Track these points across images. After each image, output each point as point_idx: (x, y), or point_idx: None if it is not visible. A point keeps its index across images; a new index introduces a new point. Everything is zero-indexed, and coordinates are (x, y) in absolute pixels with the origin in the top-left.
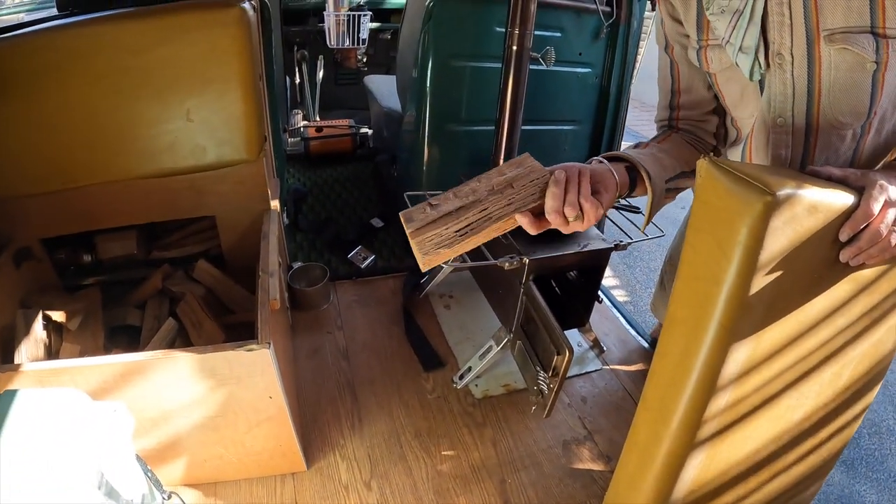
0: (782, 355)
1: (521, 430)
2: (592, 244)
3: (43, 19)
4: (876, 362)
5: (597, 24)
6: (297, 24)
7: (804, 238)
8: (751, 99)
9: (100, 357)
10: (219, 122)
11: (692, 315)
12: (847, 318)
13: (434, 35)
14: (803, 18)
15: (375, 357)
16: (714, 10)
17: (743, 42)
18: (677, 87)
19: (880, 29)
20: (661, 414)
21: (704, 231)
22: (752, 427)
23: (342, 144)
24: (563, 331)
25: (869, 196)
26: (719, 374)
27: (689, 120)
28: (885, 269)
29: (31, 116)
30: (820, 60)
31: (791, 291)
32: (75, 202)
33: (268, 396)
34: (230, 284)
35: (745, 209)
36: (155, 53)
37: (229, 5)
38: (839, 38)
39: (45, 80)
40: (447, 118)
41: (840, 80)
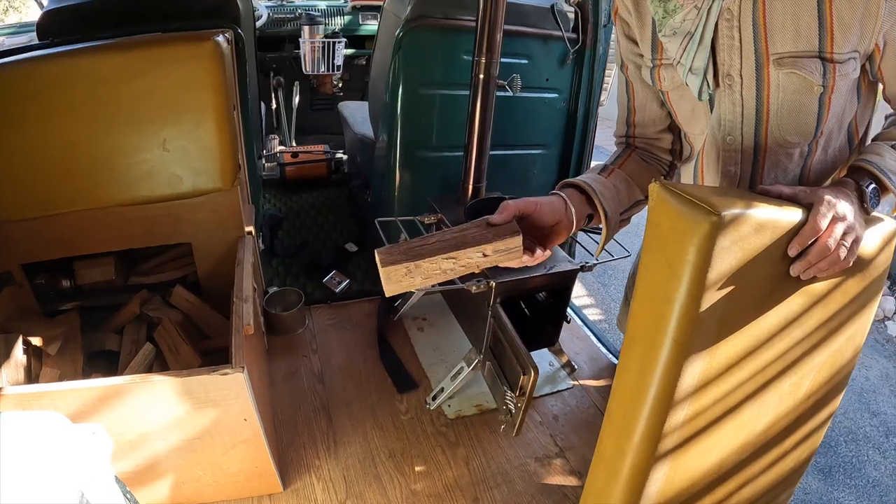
0: (739, 368)
1: (493, 448)
2: (559, 266)
3: (23, 47)
4: (836, 371)
5: (563, 50)
6: (274, 50)
7: (752, 255)
8: (701, 116)
9: (79, 381)
10: (194, 151)
11: (648, 333)
12: (802, 330)
13: (404, 64)
14: (752, 42)
15: (350, 379)
16: (666, 31)
17: (693, 63)
18: (632, 105)
19: (828, 54)
20: (624, 428)
21: (656, 251)
22: (715, 438)
23: (317, 170)
24: (529, 351)
25: (816, 212)
26: (676, 388)
27: (644, 137)
28: (838, 282)
29: (11, 144)
30: (769, 83)
31: (743, 306)
32: (55, 229)
33: (243, 419)
34: (206, 310)
35: (693, 230)
36: (132, 85)
37: (203, 39)
38: (788, 62)
39: (25, 108)
40: (418, 144)
41: (788, 101)
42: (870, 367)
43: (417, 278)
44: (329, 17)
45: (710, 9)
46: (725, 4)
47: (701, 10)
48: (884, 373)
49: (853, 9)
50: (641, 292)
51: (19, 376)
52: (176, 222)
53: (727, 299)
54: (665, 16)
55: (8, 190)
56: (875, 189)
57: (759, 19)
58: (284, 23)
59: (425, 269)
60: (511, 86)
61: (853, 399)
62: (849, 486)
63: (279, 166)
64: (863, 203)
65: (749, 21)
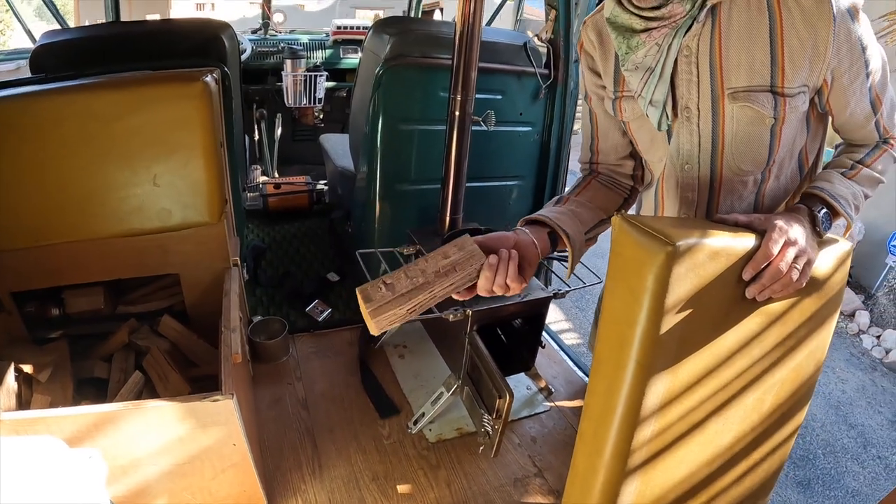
0: (701, 386)
1: (473, 470)
2: (532, 294)
3: (18, 80)
4: (798, 386)
5: (536, 85)
6: (257, 83)
7: (707, 281)
8: (660, 145)
9: (74, 407)
10: (183, 186)
11: (613, 355)
12: (762, 349)
13: (383, 100)
14: (709, 77)
15: (334, 406)
16: (629, 66)
17: (653, 96)
18: (595, 134)
19: (779, 88)
20: (595, 446)
21: (619, 279)
22: (682, 453)
23: (299, 200)
24: (507, 376)
25: (769, 238)
26: (641, 406)
27: (607, 164)
28: (795, 302)
29: (5, 176)
30: (724, 115)
31: (701, 328)
32: (45, 258)
33: (232, 444)
34: (194, 339)
35: (651, 259)
36: (124, 122)
37: (193, 79)
38: (742, 95)
39: (20, 142)
40: (397, 177)
41: (742, 132)
42: (846, 380)
43: (401, 316)
44: (311, 51)
45: (670, 46)
46: (685, 42)
47: (662, 47)
48: (860, 385)
49: (803, 47)
50: (606, 317)
51: (11, 402)
52: (164, 254)
53: (686, 322)
54: (628, 51)
55: (0, 220)
56: (826, 213)
57: (715, 56)
58: (268, 56)
59: (408, 310)
60: (485, 121)
61: (830, 412)
62: (828, 497)
63: (262, 197)
64: (815, 227)
65: (706, 58)
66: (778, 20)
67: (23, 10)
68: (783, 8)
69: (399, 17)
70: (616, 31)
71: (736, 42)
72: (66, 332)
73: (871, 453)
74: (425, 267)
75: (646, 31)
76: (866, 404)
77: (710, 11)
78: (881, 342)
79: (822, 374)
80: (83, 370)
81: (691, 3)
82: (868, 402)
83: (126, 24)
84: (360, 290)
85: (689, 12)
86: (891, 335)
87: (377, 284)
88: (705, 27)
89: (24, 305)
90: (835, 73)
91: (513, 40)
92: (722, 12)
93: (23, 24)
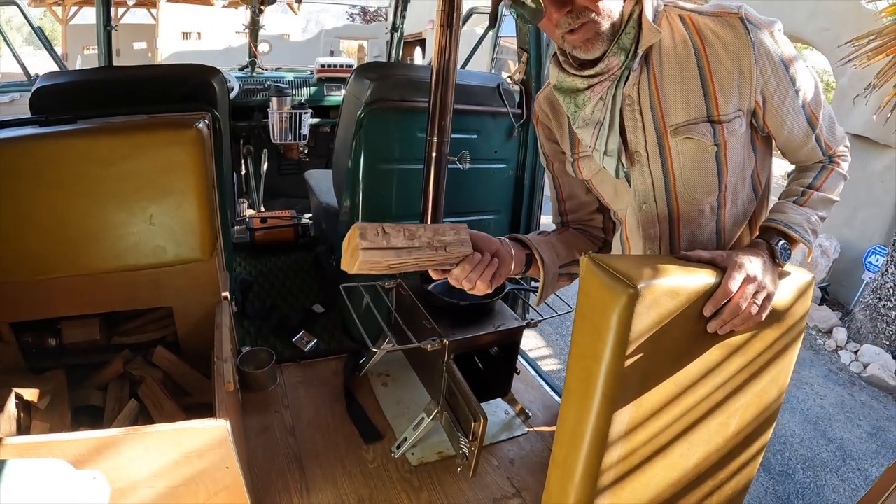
0: (664, 413)
1: (454, 491)
2: (506, 324)
3: (18, 121)
4: (762, 409)
5: (509, 124)
6: (244, 119)
7: (668, 318)
8: (623, 194)
9: (75, 432)
10: (177, 226)
11: (581, 387)
12: (724, 376)
13: (365, 142)
14: (652, 119)
15: (320, 432)
16: (579, 123)
17: (607, 147)
18: (562, 196)
19: (715, 116)
20: (566, 470)
21: (586, 317)
22: (648, 475)
23: (285, 234)
24: (485, 401)
25: (729, 276)
26: (608, 434)
27: (578, 221)
28: (756, 332)
29: (5, 213)
30: (670, 151)
31: (663, 361)
32: (43, 291)
33: (225, 467)
34: (186, 369)
35: (614, 300)
36: (121, 166)
37: (186, 126)
38: (682, 129)
39: (21, 182)
40: (378, 213)
41: (688, 164)
42: (824, 396)
43: (382, 267)
44: (295, 88)
45: (613, 97)
46: (626, 91)
47: (606, 100)
48: (839, 400)
49: (730, 76)
50: (574, 351)
51: (12, 428)
52: (157, 288)
53: (648, 357)
54: (576, 110)
55: (0, 254)
56: (784, 244)
57: (654, 99)
58: (254, 93)
59: (390, 265)
60: (461, 161)
61: (809, 427)
62: None
63: (249, 231)
64: (775, 259)
65: (647, 102)
66: (704, 56)
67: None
68: (706, 45)
69: (379, 63)
70: (563, 94)
71: (670, 83)
72: (62, 361)
73: (851, 465)
74: (421, 234)
75: (589, 87)
76: (845, 418)
77: (642, 59)
78: (859, 357)
79: (799, 391)
80: (79, 398)
81: (624, 54)
82: (847, 416)
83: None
84: (358, 226)
85: (625, 63)
86: (868, 349)
87: (377, 228)
88: (642, 75)
89: (21, 335)
90: (764, 93)
91: (486, 82)
92: (653, 58)
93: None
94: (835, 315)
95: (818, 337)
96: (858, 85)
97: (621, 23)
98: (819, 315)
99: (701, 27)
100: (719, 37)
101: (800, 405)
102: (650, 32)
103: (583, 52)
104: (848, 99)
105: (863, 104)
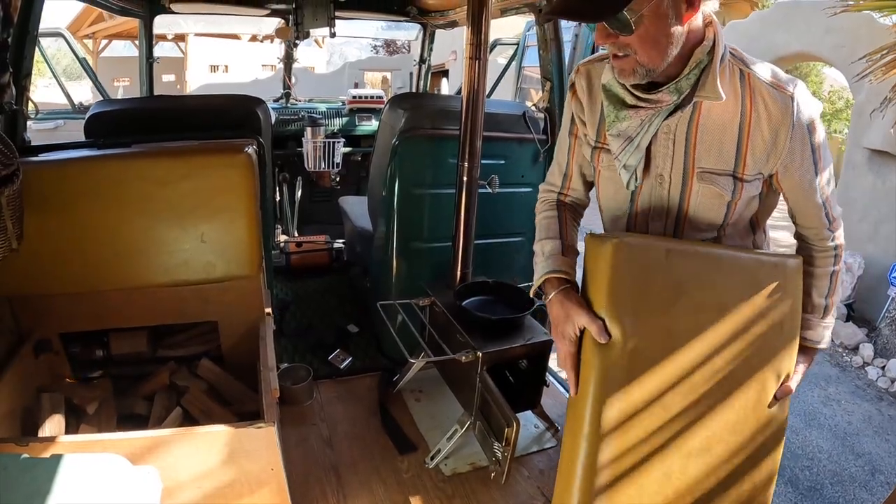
0: (657, 404)
1: (486, 500)
2: (535, 337)
3: (75, 144)
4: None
5: (535, 150)
6: (279, 148)
7: (649, 267)
8: (621, 201)
9: (129, 432)
10: (227, 243)
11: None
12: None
13: (399, 168)
14: (683, 154)
15: (356, 444)
16: (613, 131)
17: (628, 161)
18: (571, 165)
19: (740, 174)
20: (568, 470)
21: (589, 272)
22: (644, 479)
23: (320, 258)
24: (511, 408)
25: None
26: (602, 419)
27: (576, 201)
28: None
29: (65, 229)
30: (691, 188)
31: (653, 332)
32: (94, 303)
33: (270, 469)
34: (230, 380)
35: (604, 249)
36: (177, 186)
37: (238, 151)
38: (707, 176)
39: (81, 199)
40: (412, 237)
41: (703, 204)
42: (852, 412)
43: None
44: (329, 119)
45: (650, 124)
46: (666, 122)
47: (644, 123)
48: (866, 416)
49: (764, 144)
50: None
51: (61, 431)
52: (205, 303)
53: (636, 309)
54: (615, 120)
55: (56, 267)
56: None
57: (691, 139)
58: (289, 123)
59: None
60: (490, 185)
61: (836, 443)
62: None
63: (285, 255)
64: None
65: (683, 138)
66: (748, 120)
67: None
68: (754, 111)
69: (412, 94)
70: (608, 98)
71: (710, 132)
72: (109, 372)
73: (880, 480)
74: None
75: (634, 107)
76: (873, 433)
77: (692, 105)
78: (886, 372)
79: (827, 407)
80: (124, 407)
81: (677, 95)
82: (875, 431)
83: (170, 98)
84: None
85: (674, 101)
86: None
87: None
88: (685, 114)
89: (70, 346)
90: (787, 167)
91: (513, 110)
92: (703, 105)
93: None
94: (861, 331)
95: (844, 354)
96: (875, 100)
97: (684, 65)
98: (845, 332)
99: (755, 92)
100: (768, 108)
101: (827, 421)
102: (714, 92)
103: (619, 77)
104: (865, 115)
105: (881, 119)
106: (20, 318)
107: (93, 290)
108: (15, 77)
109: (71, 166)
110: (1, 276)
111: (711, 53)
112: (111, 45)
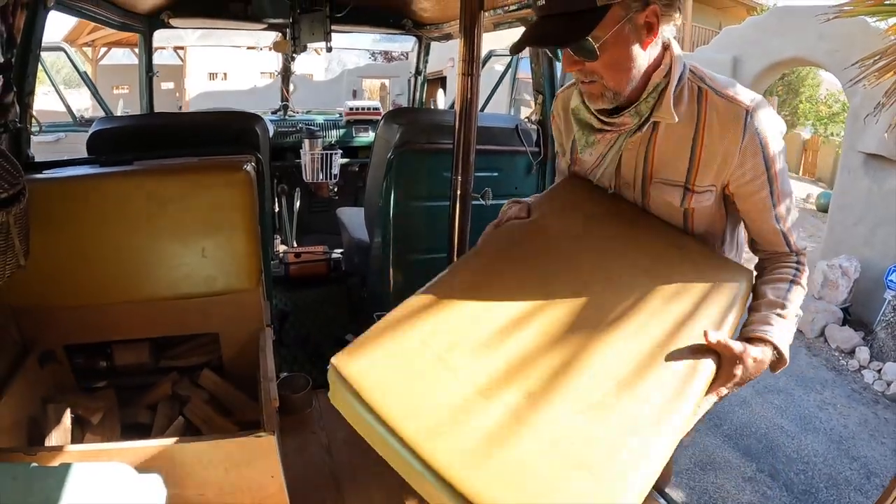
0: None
1: None
2: None
3: (78, 160)
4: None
5: (528, 162)
6: (278, 160)
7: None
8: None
9: (132, 441)
10: (227, 257)
11: None
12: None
13: (394, 181)
14: (643, 167)
15: (355, 451)
16: (584, 155)
17: (599, 179)
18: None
19: (691, 186)
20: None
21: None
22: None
23: (318, 268)
24: None
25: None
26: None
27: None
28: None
29: (69, 244)
30: (650, 195)
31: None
32: (97, 316)
33: (270, 476)
34: (231, 390)
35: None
36: (179, 203)
37: (237, 168)
38: (659, 185)
39: (84, 216)
40: (408, 248)
41: (660, 210)
42: (848, 415)
43: None
44: (326, 130)
45: (614, 143)
46: (630, 140)
47: (610, 142)
48: (862, 419)
49: (713, 158)
50: None
51: (67, 441)
52: (206, 315)
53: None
54: (585, 145)
55: (61, 280)
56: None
57: (650, 154)
58: (287, 135)
59: None
60: (483, 198)
61: (832, 447)
62: None
63: (283, 265)
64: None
65: (643, 154)
66: (701, 136)
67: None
68: (707, 123)
69: (406, 109)
70: (577, 122)
71: (666, 149)
72: (111, 382)
73: (875, 483)
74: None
75: (600, 131)
76: (869, 437)
77: (652, 124)
78: (882, 375)
79: (822, 411)
80: (128, 416)
81: (639, 117)
82: (871, 435)
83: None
84: None
85: (636, 124)
86: (891, 368)
87: None
88: (645, 133)
89: (74, 357)
90: (738, 180)
91: (506, 124)
92: (661, 124)
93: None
94: (857, 335)
95: (840, 357)
96: (870, 104)
97: (643, 89)
98: (841, 336)
99: (710, 107)
100: (720, 118)
101: (822, 425)
102: (668, 113)
103: (589, 101)
104: (860, 119)
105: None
106: (25, 330)
107: (96, 303)
108: (18, 96)
109: (75, 184)
110: (6, 289)
111: (668, 76)
112: (110, 52)
